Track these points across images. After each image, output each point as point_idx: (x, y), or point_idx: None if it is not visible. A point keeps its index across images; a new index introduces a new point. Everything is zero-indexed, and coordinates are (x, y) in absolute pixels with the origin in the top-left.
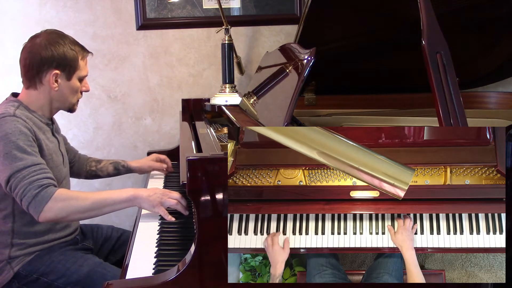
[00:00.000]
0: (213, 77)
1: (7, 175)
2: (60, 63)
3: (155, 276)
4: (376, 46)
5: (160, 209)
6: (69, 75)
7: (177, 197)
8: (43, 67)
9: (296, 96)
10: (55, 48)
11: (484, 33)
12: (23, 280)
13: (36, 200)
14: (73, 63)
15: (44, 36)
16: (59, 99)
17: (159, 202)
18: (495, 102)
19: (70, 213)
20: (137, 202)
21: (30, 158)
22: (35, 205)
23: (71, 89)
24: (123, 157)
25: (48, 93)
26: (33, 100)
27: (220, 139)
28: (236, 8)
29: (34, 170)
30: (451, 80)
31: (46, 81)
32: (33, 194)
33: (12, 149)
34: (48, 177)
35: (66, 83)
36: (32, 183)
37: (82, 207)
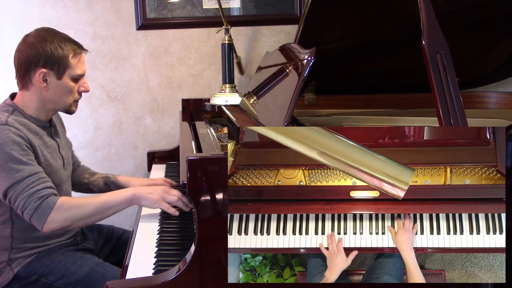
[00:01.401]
0: (213, 77)
1: (4, 187)
2: (48, 61)
3: (155, 276)
4: (376, 46)
5: (162, 204)
6: (58, 74)
7: (178, 194)
8: (30, 66)
9: (296, 96)
10: (41, 45)
11: (484, 33)
12: (23, 281)
13: (38, 212)
14: (62, 61)
15: (34, 34)
16: (52, 100)
17: (160, 197)
18: (495, 102)
19: (75, 221)
20: (138, 201)
21: (27, 168)
22: (37, 218)
23: (63, 89)
24: (123, 157)
25: (39, 93)
26: (27, 102)
27: (220, 139)
28: (236, 8)
29: (33, 181)
30: (451, 80)
31: (35, 80)
32: (34, 206)
33: (7, 161)
34: (48, 187)
35: (57, 83)
36: (32, 195)
37: (85, 213)
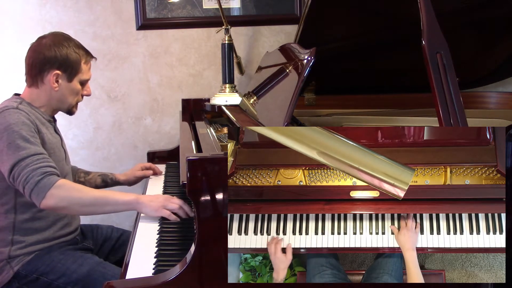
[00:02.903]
0: (213, 77)
1: (10, 164)
2: (62, 64)
3: (155, 276)
4: (376, 46)
5: (162, 211)
6: (70, 76)
7: (180, 202)
8: (45, 66)
9: (296, 96)
10: (58, 49)
11: (484, 33)
12: (23, 279)
13: (38, 186)
14: (75, 66)
15: (50, 37)
16: (59, 99)
17: (161, 206)
18: (495, 102)
19: (71, 203)
20: (139, 207)
21: (33, 147)
22: (37, 192)
23: (71, 91)
24: (123, 157)
25: (49, 92)
26: (35, 99)
27: (220, 139)
28: (236, 8)
29: (38, 159)
30: (451, 80)
31: (47, 80)
32: (36, 180)
33: (15, 139)
34: (51, 166)
35: (67, 85)
36: (35, 170)
37: (83, 200)
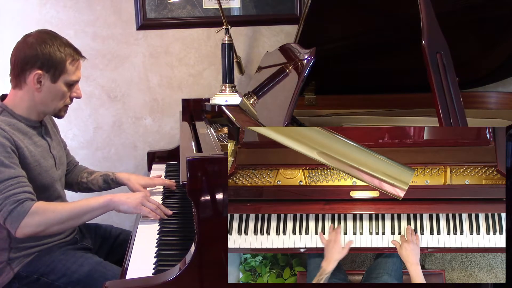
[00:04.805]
0: (213, 77)
1: None
2: (45, 63)
3: (155, 276)
4: (376, 46)
5: (142, 209)
6: (54, 77)
7: (157, 202)
8: (26, 65)
9: (296, 96)
10: (41, 47)
11: (485, 33)
12: (24, 280)
13: (12, 215)
14: (59, 66)
15: (34, 35)
16: (42, 102)
17: (139, 203)
18: (495, 102)
19: (49, 226)
20: (115, 206)
21: (7, 171)
22: (11, 221)
23: (55, 93)
24: (123, 157)
25: (32, 94)
26: (18, 102)
27: (220, 139)
28: (236, 8)
29: (11, 184)
30: (451, 80)
31: (29, 81)
32: (9, 209)
33: None
34: (26, 191)
35: (51, 86)
36: (8, 198)
37: (59, 218)
